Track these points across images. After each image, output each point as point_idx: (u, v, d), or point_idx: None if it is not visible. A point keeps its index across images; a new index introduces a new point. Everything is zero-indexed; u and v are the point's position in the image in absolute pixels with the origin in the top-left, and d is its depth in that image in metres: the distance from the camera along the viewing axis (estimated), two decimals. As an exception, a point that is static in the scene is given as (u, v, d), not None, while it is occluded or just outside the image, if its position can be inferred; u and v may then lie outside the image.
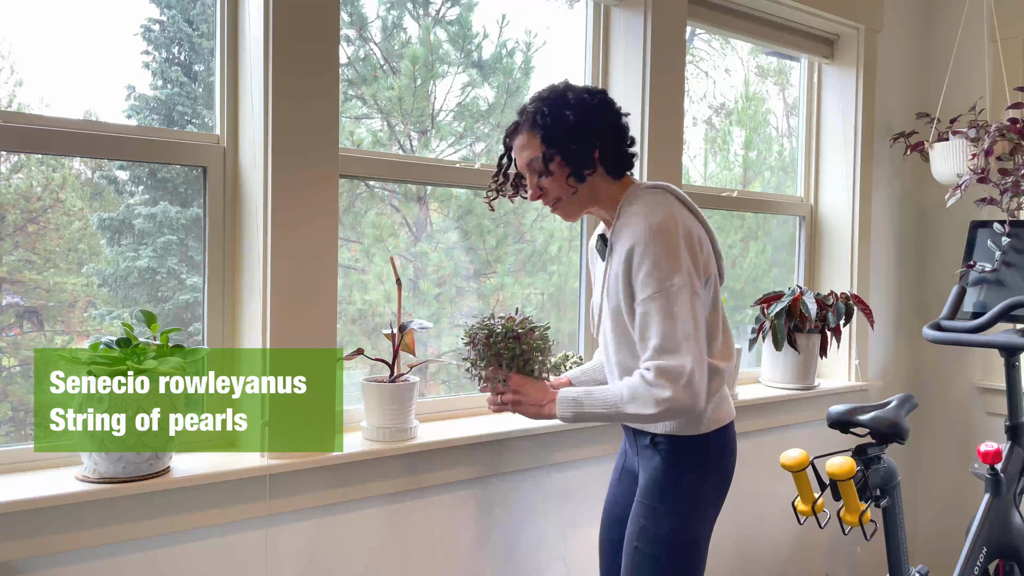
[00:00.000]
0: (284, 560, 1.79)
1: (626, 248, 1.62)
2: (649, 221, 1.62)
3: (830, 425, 2.26)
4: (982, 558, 2.39)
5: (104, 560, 1.57)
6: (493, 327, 1.75)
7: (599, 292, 1.77)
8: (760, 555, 2.85)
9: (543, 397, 1.71)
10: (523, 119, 1.71)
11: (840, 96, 3.16)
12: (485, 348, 1.74)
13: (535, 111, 1.68)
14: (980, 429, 3.30)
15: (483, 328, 1.76)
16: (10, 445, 1.63)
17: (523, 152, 1.70)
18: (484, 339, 1.75)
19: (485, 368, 1.75)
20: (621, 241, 1.65)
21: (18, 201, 1.71)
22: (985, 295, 2.70)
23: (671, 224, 1.61)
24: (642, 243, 1.60)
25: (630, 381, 1.61)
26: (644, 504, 1.71)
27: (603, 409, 1.64)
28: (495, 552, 2.13)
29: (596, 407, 1.65)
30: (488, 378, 1.75)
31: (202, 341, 1.81)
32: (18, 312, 1.71)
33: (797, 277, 3.22)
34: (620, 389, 1.62)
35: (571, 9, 2.51)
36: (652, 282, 1.59)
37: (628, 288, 1.63)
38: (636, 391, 1.59)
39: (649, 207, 1.65)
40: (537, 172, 1.68)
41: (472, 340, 1.77)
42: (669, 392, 1.55)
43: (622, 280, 1.63)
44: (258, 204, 1.75)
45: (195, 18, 1.88)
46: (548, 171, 1.66)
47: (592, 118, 1.67)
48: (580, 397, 1.67)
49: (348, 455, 1.82)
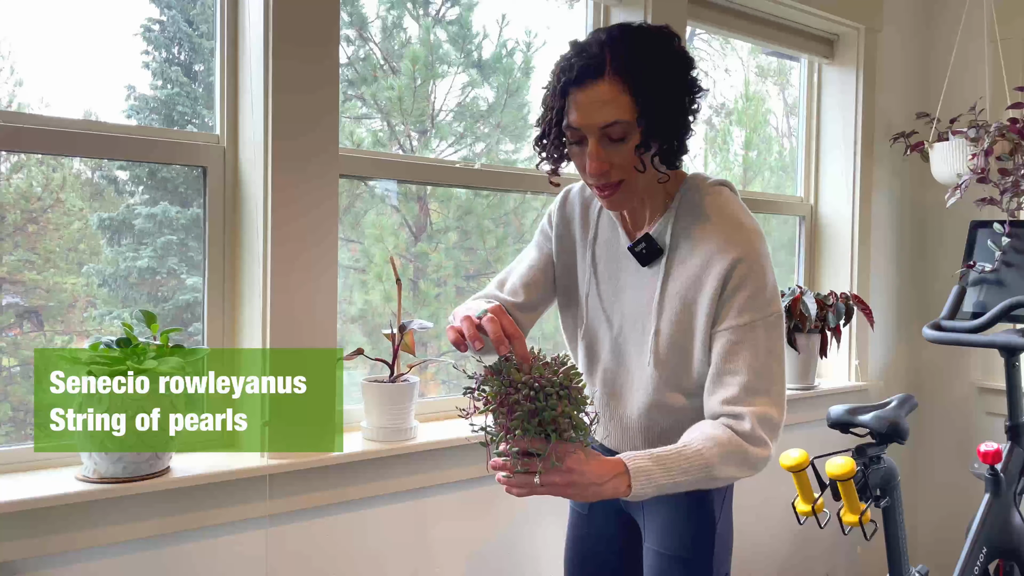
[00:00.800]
0: (284, 560, 1.79)
1: (725, 260, 1.30)
2: (753, 230, 1.33)
3: (830, 425, 2.26)
4: (982, 558, 2.39)
5: (104, 560, 1.57)
6: (532, 384, 1.15)
7: (636, 303, 1.41)
8: (760, 555, 2.85)
9: (606, 472, 1.21)
10: (604, 61, 1.26)
11: (840, 96, 3.16)
12: (525, 414, 1.15)
13: (628, 55, 1.25)
14: (980, 429, 3.30)
15: (514, 385, 1.16)
16: (10, 445, 1.63)
17: (602, 108, 1.26)
18: (520, 401, 1.15)
19: (513, 438, 1.17)
20: (704, 247, 1.33)
21: (18, 201, 1.71)
22: (985, 295, 2.70)
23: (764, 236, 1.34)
24: (749, 257, 1.30)
25: (713, 434, 1.26)
26: (680, 559, 1.44)
27: (686, 478, 1.24)
28: (495, 552, 2.13)
29: (677, 476, 1.23)
30: (527, 453, 1.18)
31: (202, 341, 1.81)
32: (18, 312, 1.71)
33: (797, 277, 3.22)
34: (703, 447, 1.25)
35: (571, 9, 2.51)
36: (755, 306, 1.30)
37: (713, 309, 1.32)
38: (729, 449, 1.26)
39: (742, 210, 1.36)
40: (612, 139, 1.28)
41: (500, 402, 1.16)
42: (771, 450, 1.28)
43: (707, 299, 1.32)
44: (258, 204, 1.75)
45: (195, 18, 1.88)
46: (624, 141, 1.27)
47: (693, 88, 1.31)
48: (654, 468, 1.23)
49: (348, 455, 1.82)
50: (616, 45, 1.27)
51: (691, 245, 1.35)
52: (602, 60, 1.25)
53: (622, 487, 1.22)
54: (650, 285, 1.39)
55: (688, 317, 1.35)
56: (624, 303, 1.43)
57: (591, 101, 1.26)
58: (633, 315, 1.42)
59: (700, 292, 1.33)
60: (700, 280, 1.33)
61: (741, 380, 1.29)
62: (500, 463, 1.20)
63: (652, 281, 1.39)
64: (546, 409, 1.15)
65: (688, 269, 1.35)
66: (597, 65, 1.25)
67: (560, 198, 1.54)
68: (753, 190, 3.16)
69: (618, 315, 1.44)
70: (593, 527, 1.59)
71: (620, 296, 1.44)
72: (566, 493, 1.21)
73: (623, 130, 1.26)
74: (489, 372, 1.19)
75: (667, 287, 1.37)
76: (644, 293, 1.40)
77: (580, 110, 1.27)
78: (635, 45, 1.27)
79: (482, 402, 1.18)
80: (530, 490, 1.20)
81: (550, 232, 1.53)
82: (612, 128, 1.26)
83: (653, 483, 1.22)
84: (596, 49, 1.27)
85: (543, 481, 1.18)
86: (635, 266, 1.42)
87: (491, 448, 1.21)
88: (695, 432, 1.29)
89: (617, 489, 1.22)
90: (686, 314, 1.35)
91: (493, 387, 1.17)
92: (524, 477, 1.18)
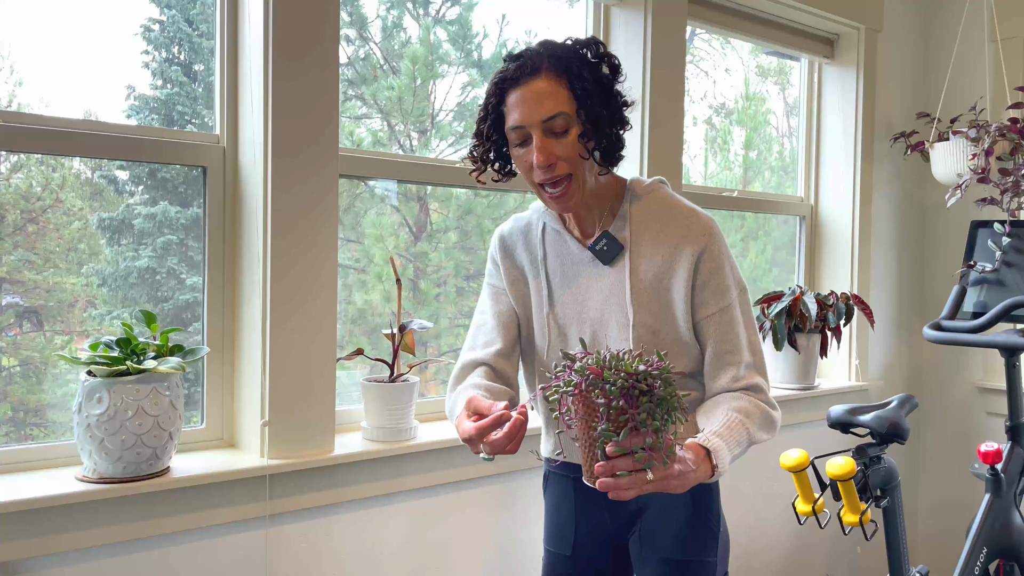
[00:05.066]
0: (284, 560, 1.79)
1: (693, 246, 1.39)
2: (707, 217, 1.43)
3: (830, 425, 2.26)
4: (982, 558, 2.39)
5: (104, 560, 1.57)
6: (651, 374, 1.12)
7: (605, 302, 1.44)
8: (760, 555, 2.85)
9: (695, 458, 1.22)
10: (540, 60, 1.33)
11: (840, 96, 3.17)
12: (649, 404, 1.11)
13: (566, 56, 1.34)
14: (980, 429, 3.30)
15: (637, 375, 1.11)
16: (10, 445, 1.63)
17: (543, 101, 1.31)
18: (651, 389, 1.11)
19: (647, 430, 1.11)
20: (668, 237, 1.40)
21: (18, 201, 1.71)
22: (985, 295, 2.70)
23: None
24: (713, 243, 1.40)
25: (741, 405, 1.36)
26: (689, 563, 1.45)
27: (739, 449, 1.32)
28: (496, 553, 2.13)
29: (734, 448, 1.30)
30: (653, 448, 1.12)
31: (202, 341, 1.81)
32: (18, 312, 1.71)
33: (797, 277, 3.22)
34: (742, 419, 1.33)
35: (571, 9, 2.51)
36: (730, 287, 1.41)
37: (689, 296, 1.39)
38: (760, 415, 1.37)
39: (685, 201, 1.46)
40: (555, 133, 1.33)
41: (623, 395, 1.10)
42: (779, 410, 1.41)
43: (681, 286, 1.39)
44: (258, 204, 1.75)
45: (195, 18, 1.88)
46: (566, 134, 1.33)
47: (620, 93, 1.40)
48: (722, 445, 1.27)
49: (348, 455, 1.82)
50: (551, 49, 1.36)
51: (652, 239, 1.42)
52: (539, 61, 1.34)
53: (709, 469, 1.24)
54: (617, 282, 1.43)
55: (664, 305, 1.41)
56: (591, 308, 1.45)
57: (531, 95, 1.32)
58: (604, 315, 1.44)
59: (673, 278, 1.40)
60: (671, 267, 1.40)
61: (741, 357, 1.40)
62: (610, 465, 1.11)
63: (618, 277, 1.43)
64: (670, 397, 1.12)
65: (655, 260, 1.41)
66: (534, 65, 1.33)
67: (495, 240, 1.58)
68: (753, 190, 3.16)
69: (588, 320, 1.46)
70: (575, 567, 1.55)
71: (586, 302, 1.46)
72: (671, 485, 1.17)
73: (564, 122, 1.32)
74: (595, 371, 1.11)
75: (637, 279, 1.41)
76: (611, 291, 1.43)
77: (522, 106, 1.33)
78: (567, 48, 1.36)
79: (603, 399, 1.10)
80: (639, 489, 1.13)
81: (497, 272, 1.56)
82: (554, 121, 1.32)
83: (725, 460, 1.26)
84: (531, 54, 1.35)
85: (657, 475, 1.13)
86: (596, 269, 1.45)
87: (592, 453, 1.14)
88: (723, 405, 1.36)
89: (706, 473, 1.23)
90: (663, 301, 1.41)
91: (616, 381, 1.09)
92: (637, 476, 1.11)
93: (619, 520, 1.52)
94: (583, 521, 1.54)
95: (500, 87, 1.36)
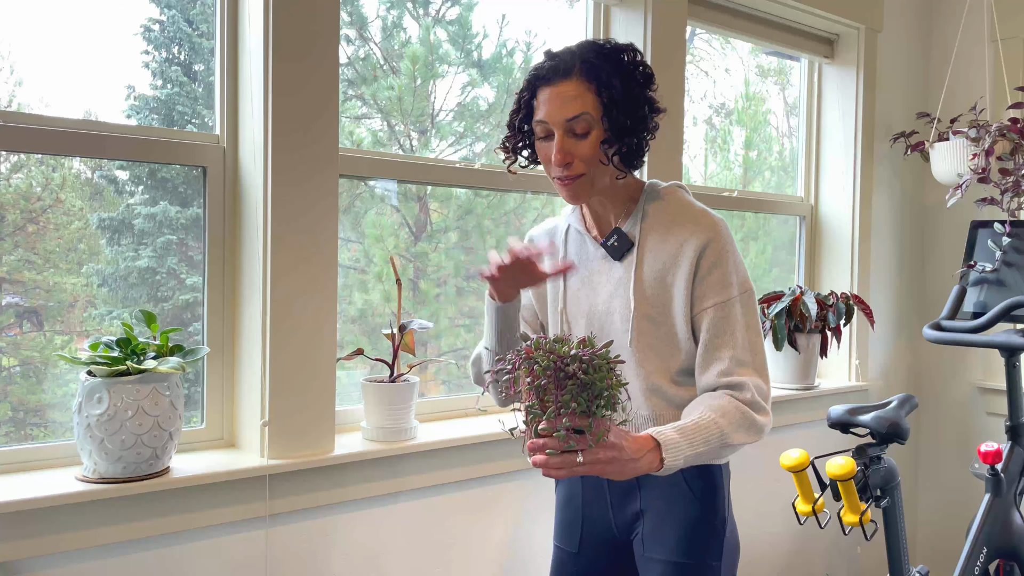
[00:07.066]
0: (284, 560, 1.79)
1: (696, 242, 1.42)
2: (717, 218, 1.45)
3: (830, 425, 2.26)
4: (982, 558, 2.39)
5: (104, 560, 1.57)
6: (583, 357, 1.15)
7: (612, 296, 1.49)
8: (760, 555, 2.85)
9: (641, 448, 1.24)
10: (573, 63, 1.39)
11: (840, 96, 3.17)
12: (578, 388, 1.14)
13: (596, 61, 1.39)
14: (980, 429, 3.30)
15: (565, 359, 1.15)
16: (10, 445, 1.63)
17: (568, 103, 1.38)
18: (575, 373, 1.14)
19: (567, 412, 1.15)
20: (674, 235, 1.44)
21: (18, 201, 1.71)
22: (985, 295, 2.70)
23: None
24: (718, 239, 1.42)
25: (720, 404, 1.34)
26: (690, 566, 1.45)
27: (706, 447, 1.30)
28: (495, 553, 2.13)
29: (699, 446, 1.29)
30: (579, 429, 1.16)
31: (202, 341, 1.81)
32: (18, 312, 1.71)
33: (797, 277, 3.22)
34: (716, 417, 1.32)
35: (571, 9, 2.51)
36: (731, 284, 1.42)
37: (689, 289, 1.42)
38: (738, 417, 1.34)
39: (698, 203, 1.49)
40: (577, 134, 1.39)
41: (550, 376, 1.15)
42: (770, 416, 1.38)
43: (683, 280, 1.42)
44: (258, 204, 1.75)
45: (195, 18, 1.88)
46: (587, 136, 1.39)
47: (652, 100, 1.45)
48: (680, 440, 1.28)
49: (348, 455, 1.82)
50: (585, 53, 1.40)
51: (660, 236, 1.46)
52: (572, 63, 1.40)
53: (656, 462, 1.25)
54: (624, 276, 1.49)
55: (666, 298, 1.45)
56: (599, 301, 1.52)
57: (559, 96, 1.39)
58: (610, 307, 1.50)
59: (676, 274, 1.44)
60: (675, 262, 1.44)
61: (731, 353, 1.39)
62: (541, 443, 1.16)
63: (626, 272, 1.48)
64: (598, 382, 1.15)
65: (660, 256, 1.45)
66: (567, 67, 1.39)
67: (525, 240, 1.69)
68: (753, 190, 3.16)
69: (596, 313, 1.52)
70: (581, 564, 1.58)
71: (596, 296, 1.52)
72: (607, 470, 1.20)
73: (587, 124, 1.38)
74: (528, 351, 1.18)
75: (641, 273, 1.46)
76: (618, 285, 1.49)
77: (549, 104, 1.40)
78: (602, 54, 1.41)
79: (530, 378, 1.15)
80: (569, 470, 1.17)
81: None
82: (577, 121, 1.38)
83: (681, 455, 1.27)
84: (567, 56, 1.41)
85: (587, 459, 1.17)
86: (608, 266, 1.51)
87: (529, 430, 1.19)
88: (702, 404, 1.36)
89: (651, 464, 1.25)
90: (663, 295, 1.45)
91: (543, 362, 1.15)
92: (566, 457, 1.16)
93: (622, 520, 1.53)
94: (589, 519, 1.57)
95: (533, 83, 1.44)
